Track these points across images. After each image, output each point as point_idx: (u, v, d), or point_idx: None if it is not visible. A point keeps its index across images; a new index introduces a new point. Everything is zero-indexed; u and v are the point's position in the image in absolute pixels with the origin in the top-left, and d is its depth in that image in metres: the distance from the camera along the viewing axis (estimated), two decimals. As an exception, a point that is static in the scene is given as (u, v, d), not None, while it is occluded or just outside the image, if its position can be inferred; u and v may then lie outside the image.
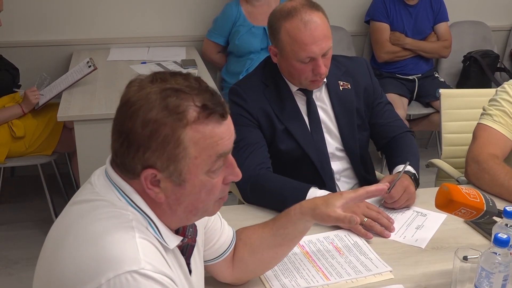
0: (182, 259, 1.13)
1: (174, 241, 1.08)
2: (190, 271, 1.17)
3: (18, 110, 2.95)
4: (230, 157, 1.08)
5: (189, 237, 1.15)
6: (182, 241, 1.11)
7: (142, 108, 0.98)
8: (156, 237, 1.04)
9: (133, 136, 0.99)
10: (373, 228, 1.64)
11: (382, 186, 1.38)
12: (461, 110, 2.48)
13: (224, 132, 1.03)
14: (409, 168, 1.82)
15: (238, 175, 1.09)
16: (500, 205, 1.49)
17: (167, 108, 0.98)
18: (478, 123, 2.05)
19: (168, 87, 1.00)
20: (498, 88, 2.09)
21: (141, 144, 0.98)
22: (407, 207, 1.79)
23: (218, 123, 1.02)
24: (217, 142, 1.02)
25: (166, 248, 1.06)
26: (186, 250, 1.15)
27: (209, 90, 1.03)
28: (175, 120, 0.98)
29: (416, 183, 1.83)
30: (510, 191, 1.82)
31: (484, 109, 2.07)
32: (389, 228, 1.65)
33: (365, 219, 1.64)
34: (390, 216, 1.72)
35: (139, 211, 1.04)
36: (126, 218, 1.01)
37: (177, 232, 1.14)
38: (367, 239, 1.61)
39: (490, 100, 2.08)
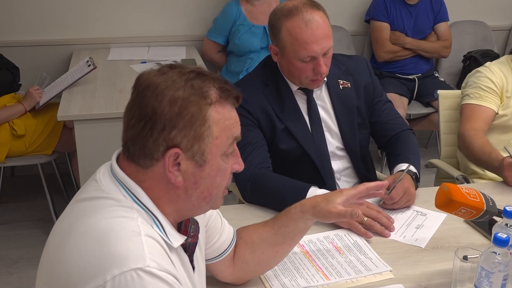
0: (185, 257, 1.13)
1: (178, 239, 1.08)
2: (193, 269, 1.17)
3: (20, 108, 2.96)
4: (235, 146, 1.11)
5: (192, 234, 1.16)
6: (186, 240, 1.11)
7: (168, 87, 1.01)
8: (160, 235, 1.04)
9: (159, 116, 1.00)
10: (373, 228, 1.64)
11: (382, 182, 1.38)
12: (459, 111, 2.48)
13: (236, 116, 1.09)
14: (410, 167, 1.82)
15: (241, 164, 1.13)
16: (499, 205, 1.49)
17: (193, 87, 1.02)
18: (460, 106, 2.33)
19: (190, 70, 1.04)
20: (470, 73, 2.35)
21: (167, 123, 1.00)
22: (406, 207, 1.79)
23: (232, 106, 1.08)
24: (233, 124, 1.07)
25: (170, 246, 1.06)
26: (189, 247, 1.16)
27: (221, 78, 1.08)
28: (201, 99, 1.02)
29: (417, 182, 1.84)
30: (483, 164, 2.11)
31: (462, 94, 2.35)
32: (389, 227, 1.65)
33: (365, 218, 1.64)
34: (390, 215, 1.72)
35: (144, 209, 1.04)
36: (132, 216, 1.01)
37: (179, 229, 1.14)
38: (367, 238, 1.61)
39: (466, 85, 2.33)
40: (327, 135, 1.95)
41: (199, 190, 1.07)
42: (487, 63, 2.32)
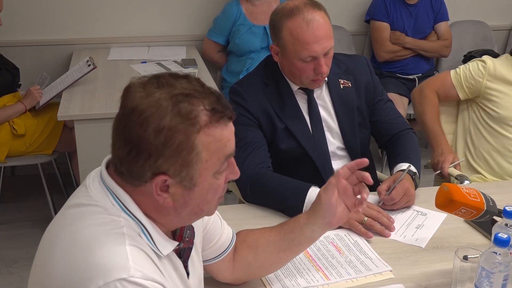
0: (178, 263, 1.13)
1: (167, 247, 1.07)
2: (188, 274, 1.16)
3: (20, 107, 2.96)
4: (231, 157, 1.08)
5: (186, 240, 1.14)
6: (178, 245, 1.10)
7: (153, 115, 0.96)
8: (148, 244, 1.03)
9: (144, 144, 0.97)
10: (373, 227, 1.64)
11: (362, 160, 1.29)
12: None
13: (230, 133, 1.04)
14: (411, 167, 1.82)
15: (237, 173, 1.10)
16: (499, 205, 1.48)
17: (180, 114, 0.97)
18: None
19: (178, 93, 0.98)
20: (476, 60, 2.36)
21: (153, 151, 0.97)
22: (403, 211, 1.78)
23: (225, 125, 1.03)
24: (225, 144, 1.03)
25: (159, 254, 1.05)
26: (183, 253, 1.15)
27: (213, 93, 1.02)
28: (188, 126, 0.97)
29: (417, 182, 1.83)
30: (426, 130, 2.31)
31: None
32: (389, 227, 1.65)
33: (365, 218, 1.64)
34: (390, 215, 1.72)
35: (132, 218, 1.03)
36: (118, 225, 1.00)
37: (174, 234, 1.13)
38: (367, 238, 1.61)
39: (468, 62, 2.40)
40: (328, 135, 1.95)
41: (189, 208, 1.05)
42: (495, 61, 2.31)
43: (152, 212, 1.05)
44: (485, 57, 2.32)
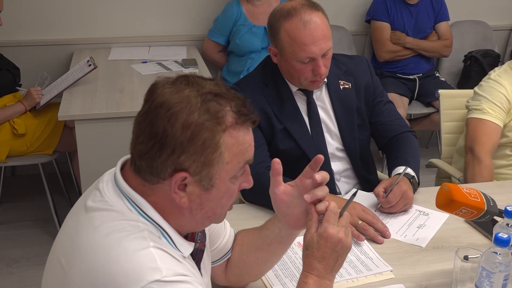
0: (194, 264, 1.12)
1: (188, 248, 1.07)
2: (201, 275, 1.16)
3: (20, 107, 2.96)
4: (247, 166, 1.08)
5: (199, 241, 1.14)
6: (194, 246, 1.10)
7: (182, 110, 0.97)
8: (169, 246, 1.03)
9: (170, 138, 0.97)
10: (366, 232, 1.61)
11: (316, 157, 1.29)
12: (460, 111, 2.48)
13: (251, 139, 1.05)
14: (408, 170, 1.81)
15: (251, 182, 1.11)
16: (500, 205, 1.48)
17: (208, 112, 0.97)
18: (469, 118, 2.24)
19: (207, 91, 0.99)
20: (484, 80, 2.25)
21: (177, 146, 0.97)
22: (404, 211, 1.77)
23: (248, 129, 1.04)
24: (246, 149, 1.04)
25: (181, 255, 1.05)
26: (196, 255, 1.14)
27: (239, 97, 1.03)
28: (215, 125, 0.98)
29: (415, 185, 1.82)
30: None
31: (470, 103, 2.26)
32: (384, 233, 1.63)
33: (359, 221, 1.62)
34: (391, 216, 1.71)
35: (150, 221, 1.02)
36: (138, 229, 0.99)
37: (185, 237, 1.12)
38: (359, 241, 1.59)
39: (476, 94, 2.26)
40: (327, 136, 1.94)
41: (204, 210, 1.05)
42: (495, 76, 2.25)
43: (166, 214, 1.04)
44: (494, 77, 2.24)
